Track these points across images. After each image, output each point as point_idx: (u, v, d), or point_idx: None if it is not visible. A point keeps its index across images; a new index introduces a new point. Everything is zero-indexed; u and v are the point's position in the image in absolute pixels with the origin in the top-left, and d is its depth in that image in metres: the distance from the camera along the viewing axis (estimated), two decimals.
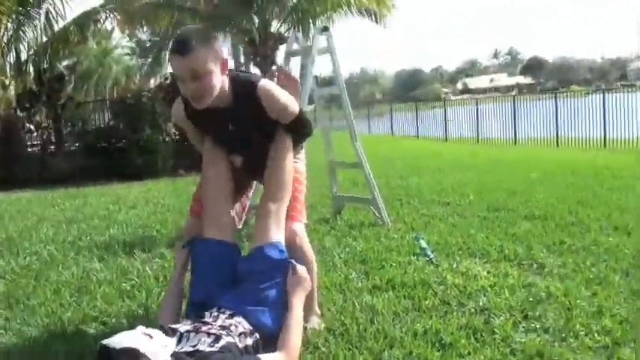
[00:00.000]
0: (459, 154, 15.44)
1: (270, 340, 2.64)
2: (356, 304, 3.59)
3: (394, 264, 4.49)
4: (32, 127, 15.52)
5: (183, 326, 2.54)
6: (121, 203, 8.99)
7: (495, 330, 3.12)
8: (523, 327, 3.19)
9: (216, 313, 2.66)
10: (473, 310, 3.45)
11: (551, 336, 3.06)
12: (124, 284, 4.29)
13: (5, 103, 15.19)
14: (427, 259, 4.59)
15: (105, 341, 2.18)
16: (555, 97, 19.97)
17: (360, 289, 3.93)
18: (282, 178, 3.15)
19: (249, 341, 2.58)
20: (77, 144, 15.21)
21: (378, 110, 37.11)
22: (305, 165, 3.59)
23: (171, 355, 2.25)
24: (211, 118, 3.04)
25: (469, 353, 2.85)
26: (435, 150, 17.24)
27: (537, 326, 3.19)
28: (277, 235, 2.99)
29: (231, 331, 2.54)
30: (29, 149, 15.51)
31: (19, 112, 15.88)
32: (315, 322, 3.26)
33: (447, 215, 6.39)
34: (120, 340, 2.18)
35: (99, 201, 9.49)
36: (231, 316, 2.63)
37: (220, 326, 2.56)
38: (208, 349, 2.39)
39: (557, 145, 18.49)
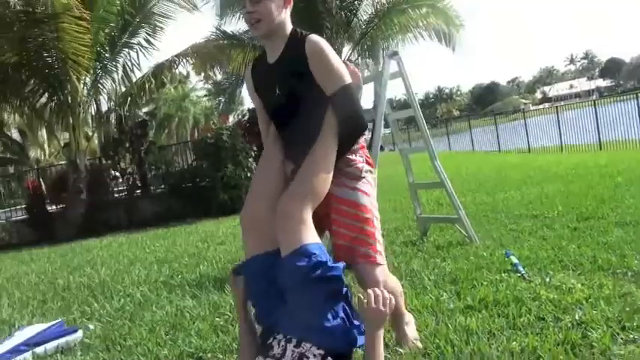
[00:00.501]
0: (544, 164, 15.07)
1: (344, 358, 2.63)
2: (449, 325, 3.50)
3: (485, 282, 4.37)
4: (117, 173, 16.07)
5: None
6: (210, 240, 9.15)
7: (594, 344, 2.99)
8: (622, 338, 3.04)
9: (283, 343, 2.57)
10: (569, 324, 3.31)
11: None
12: (217, 319, 4.34)
13: (90, 153, 15.84)
14: (519, 274, 4.47)
15: None
16: (637, 98, 19.23)
17: (452, 310, 3.83)
18: (313, 172, 2.83)
19: None
20: (162, 186, 15.64)
21: (457, 127, 36.80)
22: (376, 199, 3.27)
23: None
24: (264, 77, 3.04)
25: None
26: (518, 162, 16.89)
27: (636, 337, 3.04)
28: (301, 237, 2.67)
29: None
30: (116, 195, 16.06)
31: (103, 160, 16.53)
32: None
33: (536, 228, 6.22)
34: None
35: (187, 240, 9.69)
36: (298, 344, 2.55)
37: None
38: None
39: None
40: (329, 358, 2.53)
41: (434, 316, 3.77)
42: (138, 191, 15.88)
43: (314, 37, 2.88)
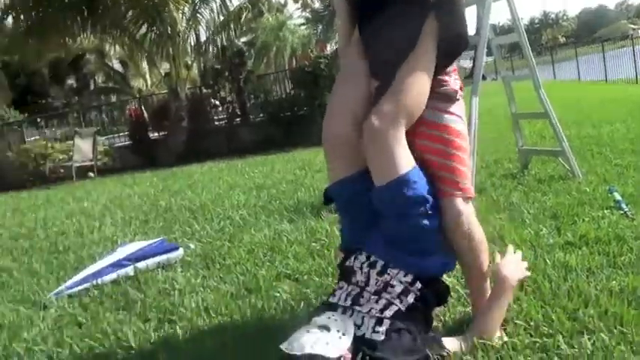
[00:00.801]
0: None
1: (434, 282, 2.52)
2: (548, 260, 3.40)
3: (587, 218, 4.19)
4: (217, 102, 16.31)
5: (341, 297, 2.46)
6: (307, 168, 9.20)
7: None
8: None
9: (366, 269, 2.48)
10: None
11: None
12: (313, 244, 4.39)
13: (190, 83, 16.10)
14: (622, 212, 4.28)
15: (284, 347, 2.16)
16: None
17: (551, 246, 3.70)
18: (407, 88, 2.47)
19: (411, 299, 2.39)
20: (261, 115, 15.78)
21: (563, 55, 35.19)
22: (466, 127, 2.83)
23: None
24: None
25: None
26: (626, 93, 16.07)
27: None
28: (397, 165, 2.40)
29: (389, 291, 2.40)
30: (216, 123, 16.35)
31: (203, 89, 16.80)
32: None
33: None
34: (301, 346, 2.15)
35: (285, 167, 9.79)
36: (382, 271, 2.45)
37: (375, 292, 2.41)
38: (374, 337, 2.28)
39: None
40: (417, 283, 2.42)
41: (532, 250, 3.67)
42: (237, 119, 16.10)
43: None
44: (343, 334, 2.22)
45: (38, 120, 19.63)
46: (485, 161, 7.16)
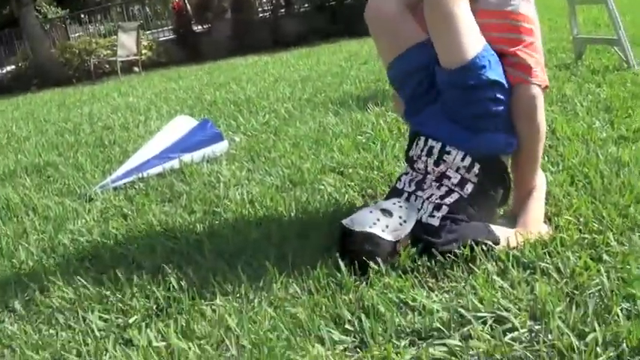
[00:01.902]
0: None
1: (494, 163, 2.49)
2: (600, 155, 3.27)
3: None
4: None
5: (405, 183, 2.52)
6: (353, 60, 9.08)
7: None
8: None
9: (425, 157, 2.47)
10: None
11: None
12: (359, 137, 4.34)
13: None
14: None
15: (346, 222, 2.30)
16: None
17: (604, 140, 3.56)
18: None
19: (469, 188, 2.40)
20: (306, 5, 15.45)
21: None
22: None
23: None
24: None
25: None
26: None
27: None
28: (465, 45, 2.30)
29: (448, 180, 2.41)
30: (260, 15, 16.06)
31: None
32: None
33: None
34: (360, 224, 2.27)
35: (331, 59, 9.67)
36: (439, 157, 2.43)
37: (436, 179, 2.43)
38: (430, 221, 2.35)
39: None
40: (476, 167, 2.41)
41: (584, 144, 3.54)
42: (282, 10, 15.83)
43: None
44: (405, 221, 2.31)
45: (82, 16, 19.54)
46: None
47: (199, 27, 15.95)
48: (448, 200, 2.38)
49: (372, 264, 2.25)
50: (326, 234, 2.67)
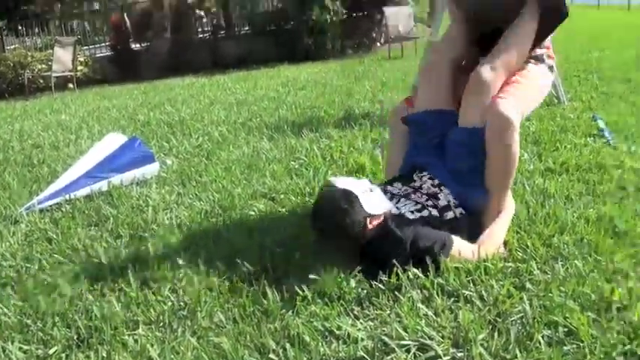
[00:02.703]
0: None
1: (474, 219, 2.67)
2: (527, 186, 3.38)
3: (569, 145, 4.18)
4: (202, 13, 15.92)
5: (395, 188, 2.74)
6: (291, 85, 9.11)
7: None
8: None
9: (425, 178, 2.74)
10: None
11: None
12: (292, 163, 4.34)
13: None
14: (605, 140, 4.26)
15: (332, 178, 2.58)
16: None
17: (531, 172, 3.69)
18: (510, 47, 2.77)
19: (450, 215, 2.60)
20: (246, 28, 15.46)
21: None
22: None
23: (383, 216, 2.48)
24: None
25: None
26: (617, 20, 15.90)
27: None
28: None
29: (436, 200, 2.63)
30: (200, 35, 15.99)
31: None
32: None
33: (628, 93, 5.87)
34: (344, 182, 2.52)
35: (269, 83, 9.67)
36: (438, 186, 2.69)
37: (427, 194, 2.66)
38: (410, 216, 2.53)
39: None
40: (461, 209, 2.64)
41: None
42: (222, 32, 15.79)
43: None
44: (382, 203, 2.51)
45: (19, 27, 19.05)
46: None
47: (137, 45, 15.75)
48: (431, 209, 2.60)
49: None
50: (254, 261, 2.65)
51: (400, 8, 14.07)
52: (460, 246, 2.49)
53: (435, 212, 2.59)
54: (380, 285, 2.31)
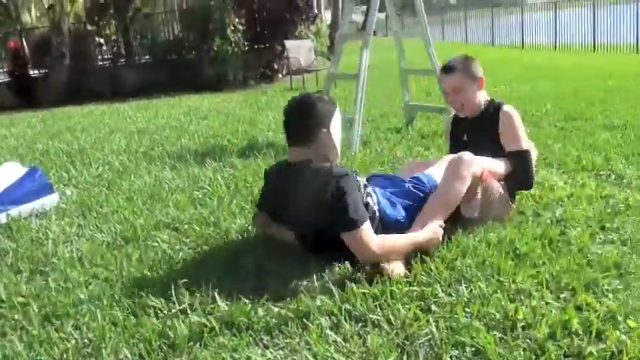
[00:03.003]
0: (537, 62, 14.88)
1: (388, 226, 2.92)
2: None
3: None
4: (102, 40, 15.62)
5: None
6: (193, 114, 9.05)
7: (572, 241, 2.95)
8: (600, 238, 3.01)
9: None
10: (549, 220, 3.26)
11: (630, 248, 2.86)
12: (195, 192, 4.29)
13: (74, 18, 15.27)
14: None
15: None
16: (637, 1, 18.62)
17: None
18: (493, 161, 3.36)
19: (369, 201, 2.90)
20: (147, 56, 15.28)
21: (452, 17, 35.86)
22: None
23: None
24: (460, 126, 3.71)
25: (544, 263, 2.69)
26: (511, 58, 16.66)
27: (615, 238, 3.00)
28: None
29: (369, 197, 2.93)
30: (100, 63, 15.69)
31: (88, 25, 16.01)
32: None
33: (523, 125, 6.14)
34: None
35: (170, 112, 9.57)
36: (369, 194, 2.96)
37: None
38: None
39: (638, 52, 17.47)
40: (377, 209, 2.94)
41: None
42: (122, 60, 15.54)
43: (508, 106, 3.53)
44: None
45: None
46: (372, 115, 7.28)
47: (36, 71, 15.25)
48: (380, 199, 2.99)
49: None
50: (158, 294, 2.60)
51: (302, 42, 14.26)
52: (369, 229, 2.71)
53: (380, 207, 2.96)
54: (289, 313, 2.32)
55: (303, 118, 2.95)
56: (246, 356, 2.07)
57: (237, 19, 13.58)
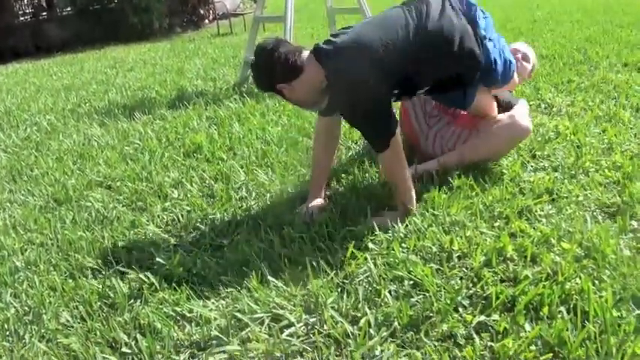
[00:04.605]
0: None
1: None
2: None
3: None
4: None
5: None
6: (119, 67, 8.83)
7: (504, 171, 3.03)
8: (532, 166, 3.09)
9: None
10: None
11: (561, 174, 2.96)
12: (126, 148, 4.20)
13: None
14: None
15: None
16: None
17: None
18: None
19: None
20: (69, 8, 14.75)
21: None
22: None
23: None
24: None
25: (477, 194, 2.75)
26: None
27: (546, 165, 3.10)
28: None
29: None
30: (21, 18, 15.07)
31: None
32: None
33: None
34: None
35: (96, 66, 9.32)
36: None
37: None
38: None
39: None
40: None
41: (348, 145, 3.76)
42: (44, 14, 14.97)
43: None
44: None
45: None
46: None
47: None
48: None
49: None
50: (95, 254, 2.57)
51: None
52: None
53: None
54: (228, 262, 2.33)
55: None
56: (188, 309, 2.07)
57: None
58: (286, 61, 2.55)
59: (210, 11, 14.47)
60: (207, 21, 14.75)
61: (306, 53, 2.61)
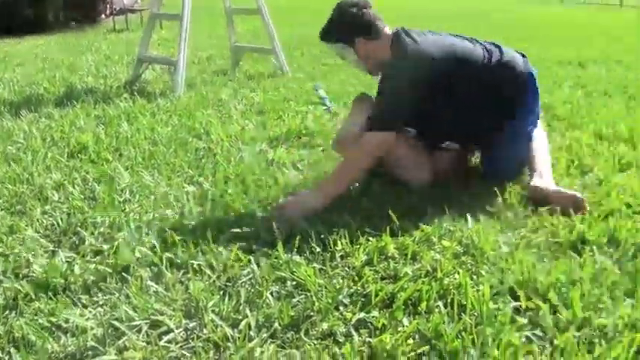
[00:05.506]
0: None
1: None
2: (251, 156, 3.55)
3: (292, 114, 4.48)
4: None
5: None
6: (8, 61, 8.47)
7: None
8: None
9: None
10: None
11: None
12: (9, 147, 3.99)
13: None
14: (325, 107, 4.59)
15: None
16: None
17: (254, 138, 3.91)
18: None
19: None
20: None
21: None
22: None
23: None
24: None
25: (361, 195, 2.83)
26: None
27: None
28: None
29: None
30: None
31: None
32: None
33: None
34: None
35: None
36: None
37: None
38: None
39: None
40: None
41: (238, 144, 3.82)
42: None
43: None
44: None
45: None
46: (198, 57, 7.17)
47: None
48: None
49: None
50: None
51: None
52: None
53: None
54: (107, 268, 2.26)
55: None
56: (64, 318, 2.00)
57: None
58: (374, 20, 2.95)
59: (108, 6, 14.12)
60: (103, 16, 14.38)
61: (387, 28, 2.98)
